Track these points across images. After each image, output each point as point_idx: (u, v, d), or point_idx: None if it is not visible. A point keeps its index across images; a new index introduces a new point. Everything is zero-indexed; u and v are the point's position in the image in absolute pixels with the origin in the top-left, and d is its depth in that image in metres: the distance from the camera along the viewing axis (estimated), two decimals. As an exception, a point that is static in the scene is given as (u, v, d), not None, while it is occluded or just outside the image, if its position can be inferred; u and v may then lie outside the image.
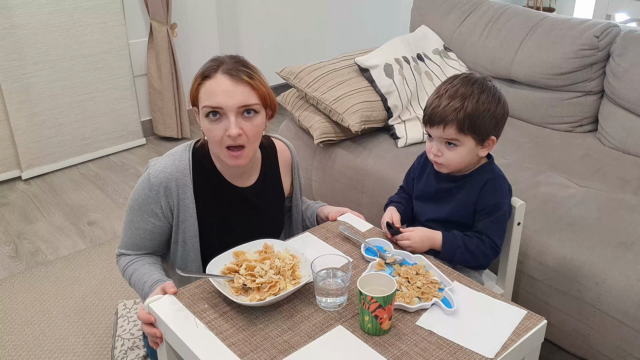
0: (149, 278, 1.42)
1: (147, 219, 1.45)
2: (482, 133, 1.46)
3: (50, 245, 2.68)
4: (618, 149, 2.30)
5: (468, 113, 1.42)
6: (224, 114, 1.35)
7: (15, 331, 2.14)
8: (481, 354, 1.14)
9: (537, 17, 2.56)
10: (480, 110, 1.43)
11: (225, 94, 1.33)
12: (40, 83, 3.16)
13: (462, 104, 1.42)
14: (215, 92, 1.34)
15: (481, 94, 1.44)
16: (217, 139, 1.37)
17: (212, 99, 1.34)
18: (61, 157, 3.36)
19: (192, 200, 1.45)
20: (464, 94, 1.44)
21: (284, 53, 4.05)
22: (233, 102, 1.34)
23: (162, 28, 3.41)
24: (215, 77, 1.35)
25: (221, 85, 1.34)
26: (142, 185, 1.44)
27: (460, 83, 1.46)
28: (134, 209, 1.46)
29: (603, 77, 2.39)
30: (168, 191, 1.43)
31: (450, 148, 1.48)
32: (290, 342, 1.17)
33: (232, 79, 1.34)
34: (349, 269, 1.28)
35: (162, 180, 1.42)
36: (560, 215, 1.86)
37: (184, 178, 1.44)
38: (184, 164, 1.45)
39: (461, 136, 1.45)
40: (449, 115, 1.43)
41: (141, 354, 1.65)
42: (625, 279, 1.63)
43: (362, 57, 2.45)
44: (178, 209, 1.45)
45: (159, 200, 1.43)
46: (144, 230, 1.47)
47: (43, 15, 3.07)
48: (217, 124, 1.36)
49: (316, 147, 2.49)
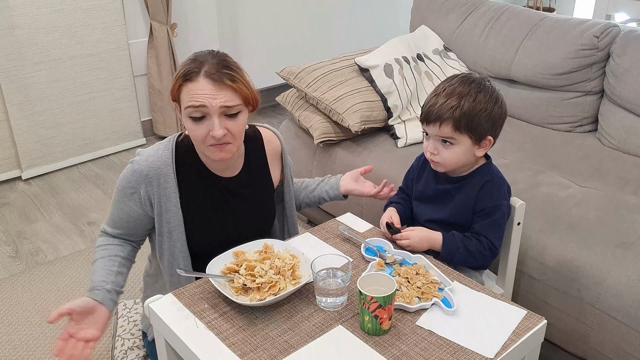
0: (94, 278, 1.46)
1: (126, 202, 1.48)
2: (479, 132, 1.46)
3: (50, 245, 2.68)
4: (618, 149, 2.30)
5: (464, 112, 1.43)
6: (207, 115, 1.36)
7: (15, 331, 2.14)
8: (481, 354, 1.14)
9: (537, 17, 2.56)
10: (477, 109, 1.43)
11: (209, 97, 1.34)
12: (40, 83, 3.16)
13: (459, 103, 1.43)
14: (197, 96, 1.34)
15: (478, 94, 1.44)
16: (200, 138, 1.39)
17: (194, 101, 1.35)
18: (61, 157, 3.36)
19: (174, 190, 1.46)
20: (461, 92, 1.44)
21: (284, 53, 4.05)
22: (216, 103, 1.34)
23: (162, 28, 3.41)
24: (197, 80, 1.35)
25: (204, 89, 1.34)
26: (127, 170, 1.48)
27: (459, 82, 1.47)
28: (118, 189, 1.50)
29: (603, 77, 2.39)
30: (148, 179, 1.45)
31: (447, 147, 1.48)
32: (290, 342, 1.17)
33: (214, 83, 1.34)
34: (349, 269, 1.28)
35: (144, 169, 1.45)
36: (560, 215, 1.86)
37: (165, 167, 1.45)
38: (166, 154, 1.46)
39: (457, 135, 1.45)
40: (445, 113, 1.43)
41: (141, 354, 1.65)
42: (625, 279, 1.63)
43: (362, 57, 2.45)
44: (160, 199, 1.46)
45: (138, 188, 1.45)
46: (122, 211, 1.50)
47: (43, 15, 3.07)
48: (201, 124, 1.37)
49: (316, 147, 2.49)
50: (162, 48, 3.44)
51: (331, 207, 2.50)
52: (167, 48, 3.45)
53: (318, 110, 2.43)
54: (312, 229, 1.58)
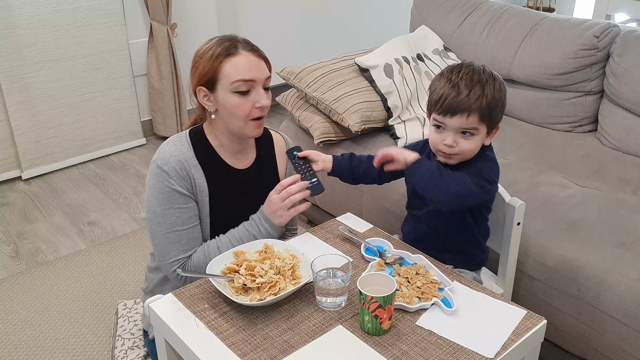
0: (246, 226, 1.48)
1: (182, 207, 1.44)
2: (495, 121, 1.44)
3: (50, 245, 2.68)
4: (618, 149, 2.30)
5: (489, 100, 1.40)
6: (253, 87, 1.42)
7: (15, 331, 2.14)
8: (481, 354, 1.14)
9: (537, 17, 2.56)
10: (497, 97, 1.41)
11: (256, 68, 1.41)
12: (40, 83, 3.16)
13: (483, 92, 1.39)
14: (246, 67, 1.41)
15: (494, 81, 1.42)
16: (246, 112, 1.43)
17: (245, 73, 1.40)
18: (61, 157, 3.36)
19: (203, 179, 1.47)
20: (480, 80, 1.40)
21: (284, 53, 4.05)
22: (262, 74, 1.42)
23: (162, 28, 3.41)
24: (241, 53, 1.42)
25: (251, 60, 1.42)
26: (157, 180, 1.43)
27: (470, 71, 1.42)
28: (159, 212, 1.43)
29: (603, 77, 2.39)
30: (184, 172, 1.44)
31: (467, 137, 1.43)
32: (290, 342, 1.17)
33: (255, 54, 1.44)
34: (349, 269, 1.28)
35: (175, 164, 1.43)
36: (560, 215, 1.86)
37: (191, 159, 1.47)
38: (185, 147, 1.48)
39: (480, 124, 1.42)
40: (473, 103, 1.39)
41: (141, 354, 1.65)
42: (625, 279, 1.63)
43: (362, 57, 2.45)
44: (194, 189, 1.47)
45: (181, 183, 1.44)
46: (187, 220, 1.45)
47: (43, 15, 3.07)
48: (246, 98, 1.42)
49: (316, 147, 2.48)
50: (162, 48, 3.44)
51: (331, 207, 2.51)
52: (167, 48, 3.45)
53: (318, 110, 2.43)
54: (312, 229, 1.58)
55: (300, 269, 1.33)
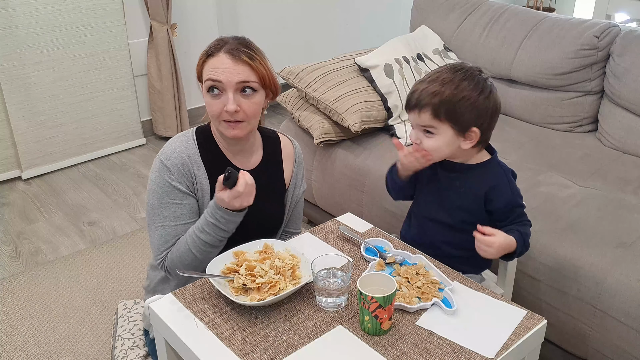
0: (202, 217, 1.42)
1: (177, 203, 1.46)
2: (461, 122, 1.39)
3: (50, 245, 2.68)
4: (618, 149, 2.30)
5: (444, 98, 1.36)
6: (224, 90, 1.41)
7: (15, 331, 2.14)
8: (481, 354, 1.14)
9: (537, 17, 2.56)
10: (459, 97, 1.37)
11: (226, 71, 1.41)
12: (40, 83, 3.16)
13: (440, 89, 1.37)
14: (216, 69, 1.41)
15: (463, 81, 1.38)
16: (215, 113, 1.43)
17: (212, 74, 1.42)
18: (61, 157, 3.36)
19: (205, 177, 1.48)
20: (444, 79, 1.38)
21: (284, 53, 4.05)
22: (232, 78, 1.40)
23: (162, 28, 3.41)
24: (217, 55, 1.43)
25: (223, 63, 1.41)
26: (158, 173, 1.46)
27: (446, 69, 1.41)
28: (156, 205, 1.45)
29: (603, 77, 2.39)
30: (186, 169, 1.46)
31: (428, 136, 1.42)
32: (290, 342, 1.17)
33: (232, 58, 1.42)
34: (349, 269, 1.28)
35: (177, 160, 1.45)
36: (560, 215, 1.86)
37: (194, 156, 1.48)
38: (190, 144, 1.50)
39: (436, 123, 1.39)
40: (424, 99, 1.38)
41: (141, 354, 1.64)
42: (625, 279, 1.63)
43: (362, 57, 2.45)
44: (195, 187, 1.48)
45: (181, 179, 1.45)
46: (180, 216, 1.46)
47: (43, 15, 3.07)
48: (217, 99, 1.43)
49: (316, 147, 2.49)
50: (162, 48, 3.44)
51: (331, 207, 2.51)
52: (167, 48, 3.45)
53: (318, 110, 2.43)
54: (312, 229, 1.58)
55: (300, 269, 1.33)
